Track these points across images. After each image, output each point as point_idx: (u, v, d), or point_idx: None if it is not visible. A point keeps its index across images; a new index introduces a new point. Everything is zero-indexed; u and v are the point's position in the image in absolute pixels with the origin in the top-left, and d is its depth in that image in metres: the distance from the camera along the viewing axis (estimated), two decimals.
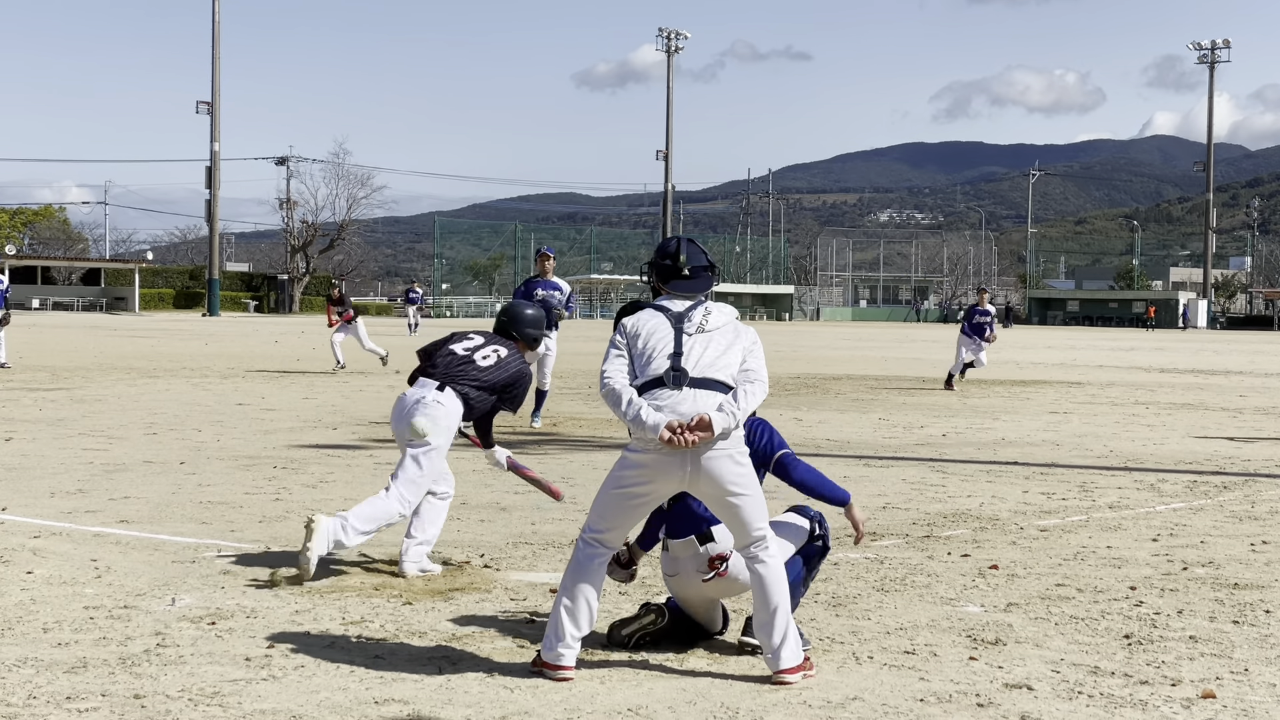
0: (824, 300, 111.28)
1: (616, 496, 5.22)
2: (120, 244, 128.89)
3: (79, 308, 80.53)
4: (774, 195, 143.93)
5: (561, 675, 5.14)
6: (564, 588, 5.28)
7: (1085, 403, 20.61)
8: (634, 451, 5.18)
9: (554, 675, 5.15)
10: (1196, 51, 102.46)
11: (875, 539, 8.40)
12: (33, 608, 6.20)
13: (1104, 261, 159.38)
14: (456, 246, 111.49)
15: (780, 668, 5.14)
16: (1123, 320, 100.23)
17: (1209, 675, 5.39)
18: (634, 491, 5.19)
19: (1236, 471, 12.28)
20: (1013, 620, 6.26)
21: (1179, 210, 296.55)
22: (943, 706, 4.93)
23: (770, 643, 5.16)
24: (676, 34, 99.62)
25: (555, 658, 5.18)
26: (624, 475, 5.20)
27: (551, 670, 5.16)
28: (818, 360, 33.61)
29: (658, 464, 5.09)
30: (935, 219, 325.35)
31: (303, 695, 4.95)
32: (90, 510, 8.93)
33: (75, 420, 15.06)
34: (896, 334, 64.49)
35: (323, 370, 25.60)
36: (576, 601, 5.23)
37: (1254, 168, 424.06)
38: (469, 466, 11.78)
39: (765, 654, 5.21)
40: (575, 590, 5.24)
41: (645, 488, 5.17)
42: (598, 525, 5.28)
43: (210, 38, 75.74)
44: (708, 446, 5.04)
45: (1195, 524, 9.17)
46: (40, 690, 4.94)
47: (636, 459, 5.16)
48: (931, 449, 13.72)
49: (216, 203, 76.61)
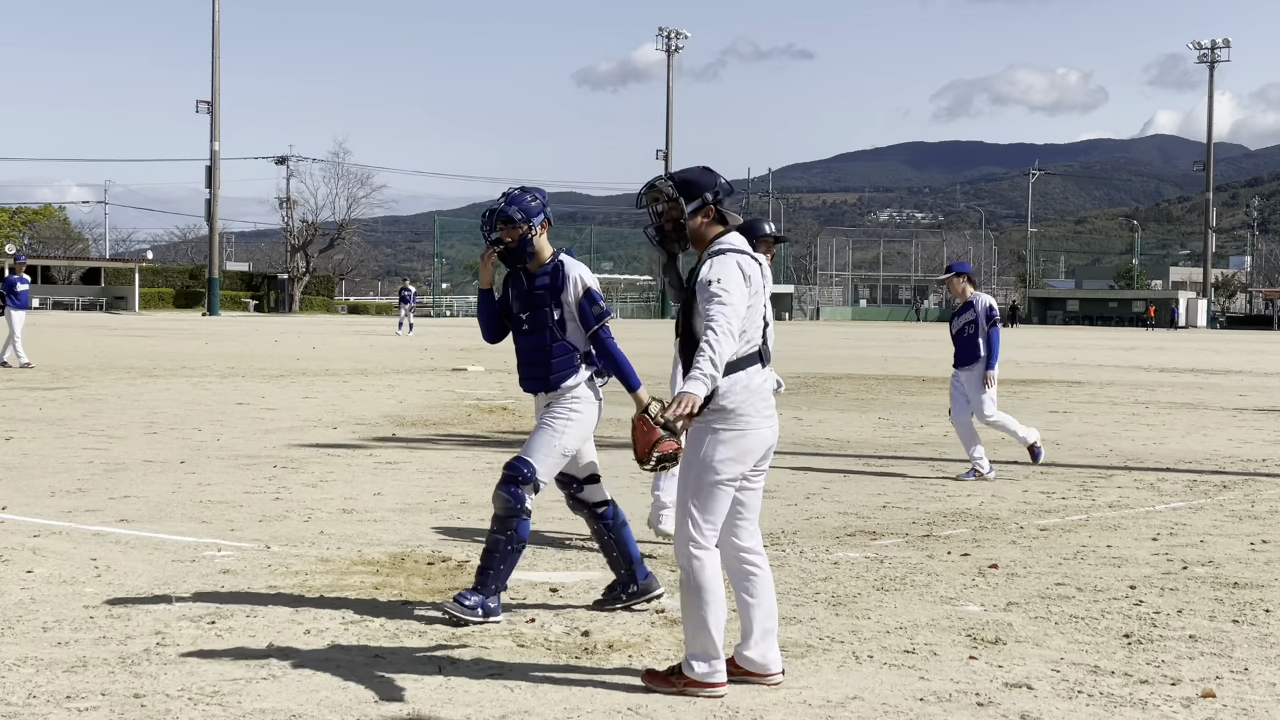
0: (824, 300, 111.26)
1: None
2: (120, 243, 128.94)
3: (79, 307, 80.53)
4: (774, 195, 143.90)
5: (721, 692, 4.98)
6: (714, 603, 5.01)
7: (1085, 402, 20.61)
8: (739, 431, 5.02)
9: (714, 693, 4.96)
10: (1196, 51, 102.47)
11: (875, 538, 8.41)
12: (33, 607, 6.20)
13: (1104, 261, 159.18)
14: (456, 246, 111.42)
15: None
16: (1123, 320, 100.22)
17: (1209, 674, 5.39)
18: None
19: (1236, 471, 12.28)
20: (1013, 619, 6.26)
21: (1179, 210, 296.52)
22: (943, 706, 4.93)
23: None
24: (676, 33, 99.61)
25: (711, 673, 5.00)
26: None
27: (712, 688, 4.97)
28: (818, 360, 33.60)
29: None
30: (935, 218, 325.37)
31: (303, 695, 4.96)
32: (90, 509, 8.93)
33: (75, 420, 15.06)
34: (896, 333, 64.49)
35: (329, 370, 25.61)
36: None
37: (1254, 167, 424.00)
38: (469, 466, 11.79)
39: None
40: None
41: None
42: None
43: (210, 37, 75.76)
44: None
45: (1195, 523, 9.17)
46: (40, 690, 4.94)
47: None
48: (931, 449, 13.72)
49: (216, 202, 76.60)
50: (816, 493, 10.37)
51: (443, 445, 13.34)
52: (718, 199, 5.08)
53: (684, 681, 4.97)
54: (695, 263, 5.10)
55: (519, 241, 6.21)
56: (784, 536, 8.39)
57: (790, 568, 7.39)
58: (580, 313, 6.20)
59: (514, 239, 6.22)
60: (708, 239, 5.08)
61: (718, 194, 5.09)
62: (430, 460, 12.11)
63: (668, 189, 5.08)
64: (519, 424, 15.39)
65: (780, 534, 8.48)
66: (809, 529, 8.71)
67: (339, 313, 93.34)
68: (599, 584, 6.91)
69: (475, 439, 14.05)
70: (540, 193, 6.34)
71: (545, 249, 6.28)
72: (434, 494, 9.96)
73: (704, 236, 5.08)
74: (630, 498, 9.24)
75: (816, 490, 10.51)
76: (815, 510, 9.51)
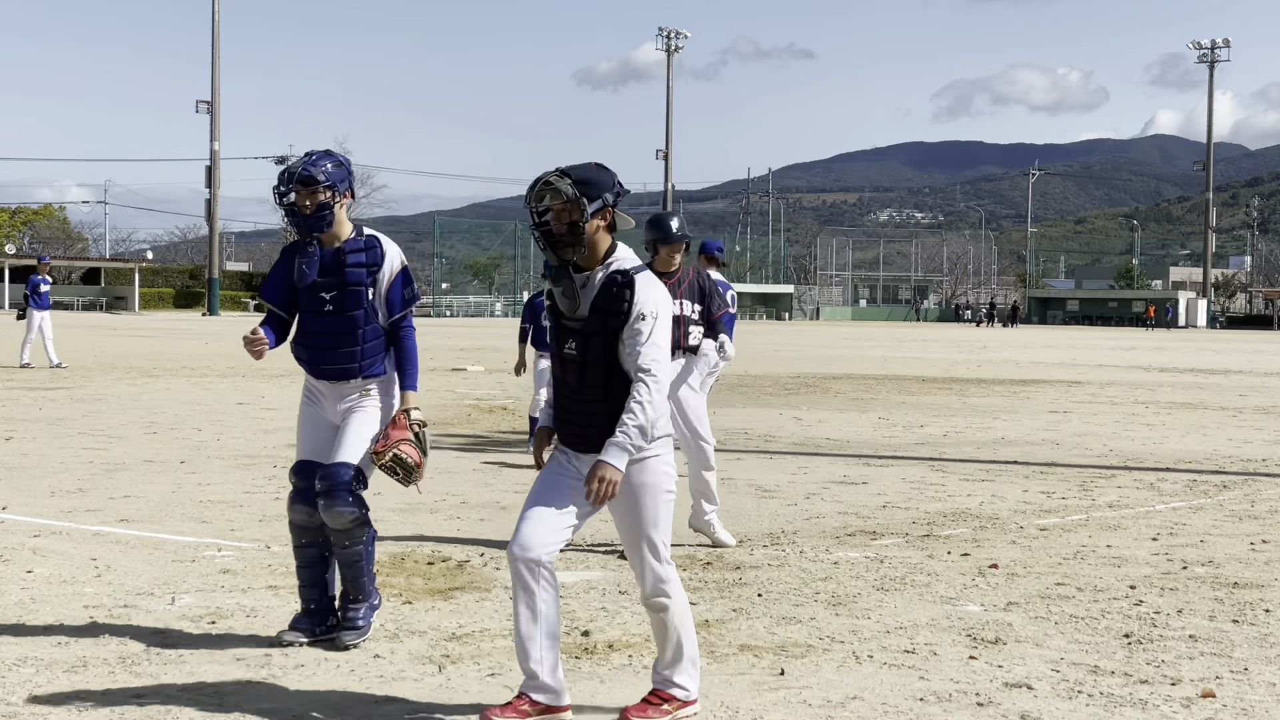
0: (824, 300, 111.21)
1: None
2: (120, 243, 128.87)
3: (79, 307, 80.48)
4: (774, 195, 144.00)
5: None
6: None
7: (1085, 402, 20.61)
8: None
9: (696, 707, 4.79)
10: (1196, 51, 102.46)
11: (875, 538, 8.41)
12: (33, 607, 6.20)
13: (1104, 261, 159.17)
14: (456, 246, 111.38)
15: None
16: (1123, 320, 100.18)
17: (1209, 674, 5.39)
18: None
19: (1236, 471, 12.28)
20: (1013, 619, 6.26)
21: (1179, 210, 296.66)
22: (943, 706, 4.93)
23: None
24: (676, 33, 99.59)
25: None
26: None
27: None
28: (817, 360, 33.60)
29: None
30: (935, 218, 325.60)
31: (303, 695, 4.96)
32: (90, 509, 8.93)
33: (75, 420, 15.06)
34: (896, 333, 64.48)
35: None
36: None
37: (1254, 167, 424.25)
38: (469, 465, 11.78)
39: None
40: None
41: None
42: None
43: (210, 37, 75.75)
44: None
45: (1195, 523, 9.17)
46: (40, 690, 4.94)
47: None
48: (931, 448, 13.72)
49: (216, 202, 76.57)
50: (816, 493, 10.37)
51: (443, 445, 13.33)
52: (616, 201, 4.63)
53: (677, 705, 4.72)
54: (596, 275, 4.58)
55: (317, 209, 5.58)
56: (784, 536, 8.39)
57: (790, 568, 7.39)
58: (391, 294, 5.67)
59: (313, 205, 5.58)
60: (601, 247, 4.61)
61: (617, 195, 4.63)
62: (430, 460, 12.09)
63: (567, 187, 4.53)
64: (519, 424, 15.39)
65: (780, 534, 8.48)
66: (809, 529, 8.71)
67: None
68: (599, 584, 6.91)
69: (475, 439, 14.05)
70: (345, 159, 5.74)
71: (345, 223, 5.72)
72: (434, 494, 9.95)
73: (598, 243, 4.60)
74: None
75: (816, 490, 10.51)
76: (815, 510, 9.51)
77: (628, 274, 4.57)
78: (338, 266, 5.63)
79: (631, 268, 4.59)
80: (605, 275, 4.57)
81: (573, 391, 4.63)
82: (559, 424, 4.74)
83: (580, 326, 4.58)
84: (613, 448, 4.45)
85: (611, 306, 4.53)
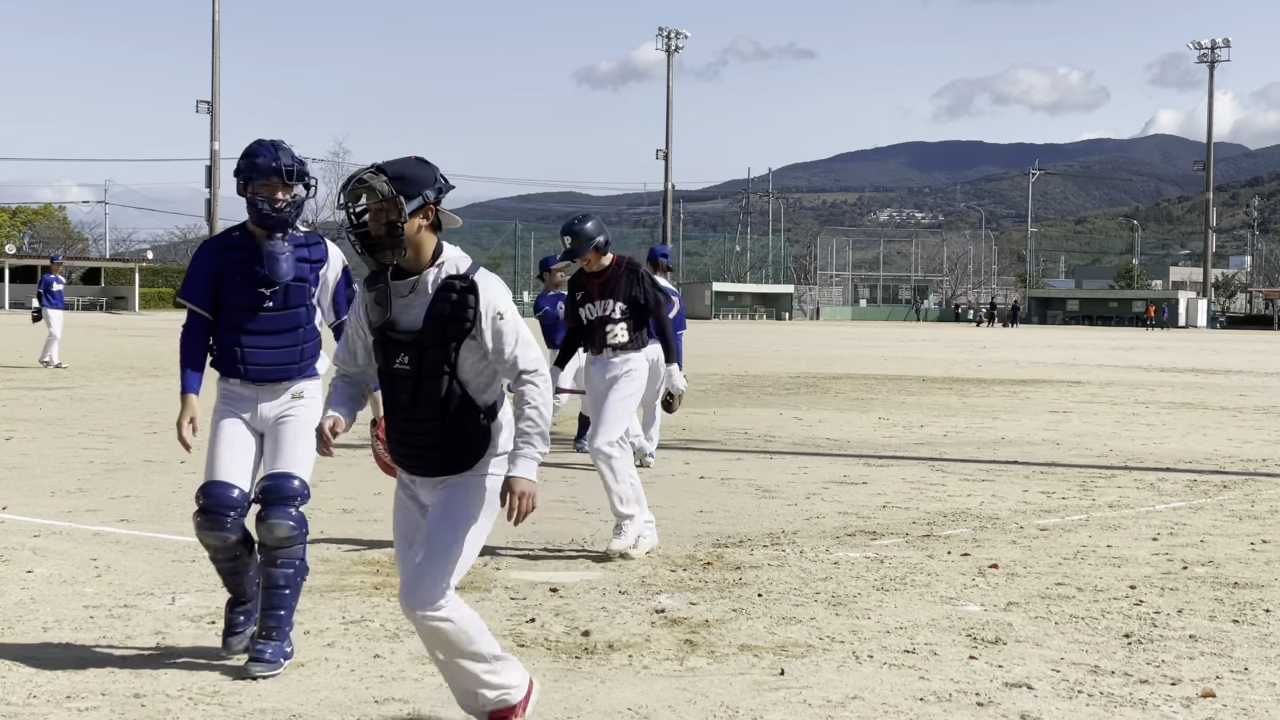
0: (824, 300, 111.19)
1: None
2: (120, 243, 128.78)
3: (79, 307, 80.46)
4: (774, 194, 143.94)
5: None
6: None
7: (1085, 402, 20.61)
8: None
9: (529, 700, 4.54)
10: (1197, 51, 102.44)
11: (875, 538, 8.40)
12: (33, 607, 6.20)
13: (1104, 261, 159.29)
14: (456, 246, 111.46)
15: None
16: (1123, 320, 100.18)
17: (1209, 674, 5.39)
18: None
19: (1236, 471, 12.28)
20: (1013, 619, 6.26)
21: (1179, 210, 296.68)
22: (943, 706, 4.93)
23: None
24: (676, 33, 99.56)
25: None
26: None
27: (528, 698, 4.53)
28: (818, 360, 33.60)
29: None
30: (935, 218, 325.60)
31: (303, 695, 4.96)
32: (90, 509, 8.93)
33: (75, 419, 15.06)
34: (896, 333, 64.49)
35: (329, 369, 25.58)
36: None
37: (1254, 167, 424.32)
38: None
39: None
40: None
41: None
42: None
43: (210, 37, 75.75)
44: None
45: (1195, 523, 9.17)
46: (40, 689, 4.94)
47: None
48: (931, 448, 13.72)
49: (217, 202, 76.53)
50: (816, 493, 10.37)
51: None
52: (439, 198, 4.28)
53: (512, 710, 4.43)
54: (426, 280, 4.25)
55: (292, 203, 5.31)
56: (784, 536, 8.39)
57: (790, 568, 7.39)
58: (336, 294, 5.47)
59: (291, 200, 5.31)
60: (426, 248, 4.25)
61: (439, 191, 4.28)
62: None
63: (383, 185, 4.16)
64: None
65: (780, 534, 8.48)
66: (809, 529, 8.71)
67: None
68: (599, 584, 6.91)
69: None
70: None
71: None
72: None
73: (422, 245, 4.23)
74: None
75: (816, 490, 10.51)
76: (815, 510, 9.51)
77: (466, 276, 4.24)
78: (291, 261, 5.38)
79: (468, 269, 4.27)
80: (440, 280, 4.24)
81: (406, 410, 4.25)
82: (393, 446, 4.37)
83: (414, 339, 4.20)
84: (520, 459, 4.17)
85: (453, 314, 4.18)
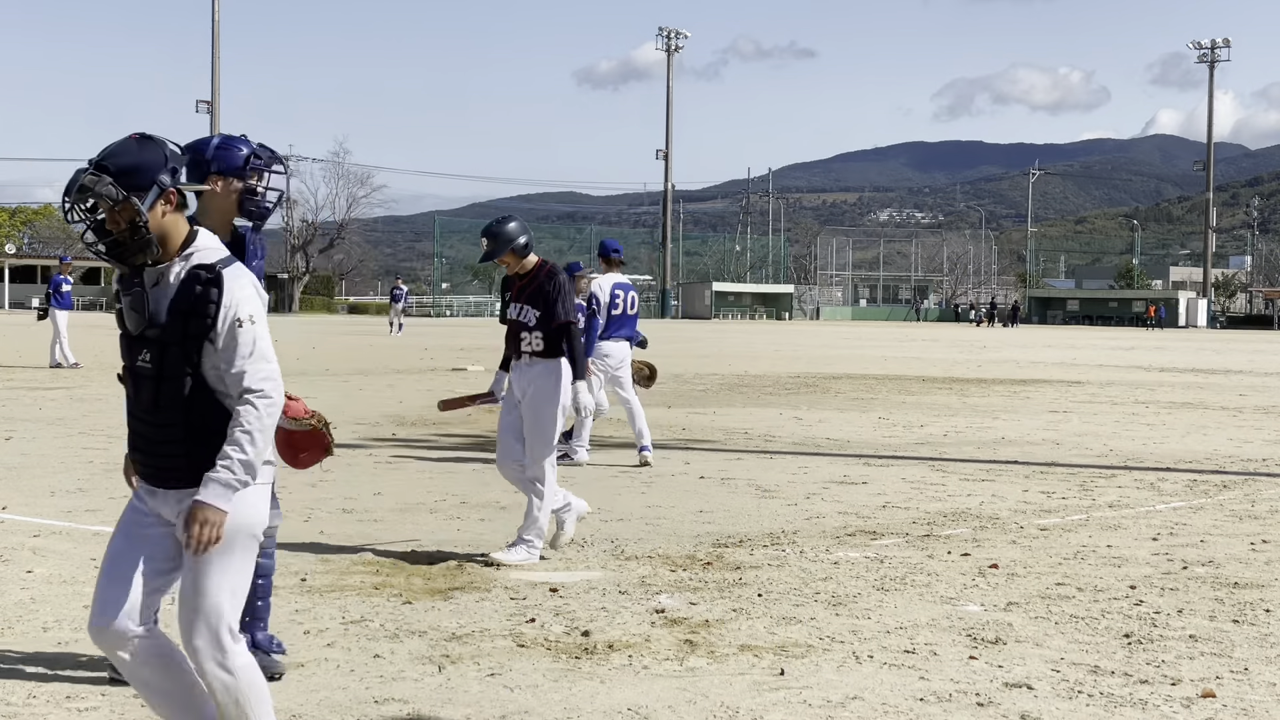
0: (824, 299, 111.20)
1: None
2: None
3: (79, 307, 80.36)
4: (774, 194, 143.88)
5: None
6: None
7: (1085, 402, 20.61)
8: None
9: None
10: (1197, 51, 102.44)
11: (875, 538, 8.40)
12: (33, 607, 6.20)
13: (1104, 261, 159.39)
14: (456, 246, 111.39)
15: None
16: (1123, 320, 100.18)
17: (1209, 674, 5.39)
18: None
19: (1236, 471, 12.28)
20: (1013, 619, 6.26)
21: (1179, 209, 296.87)
22: (943, 706, 4.93)
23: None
24: (676, 33, 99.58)
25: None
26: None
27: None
28: (818, 360, 33.60)
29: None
30: (935, 218, 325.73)
31: (303, 695, 4.96)
32: (90, 509, 8.93)
33: (75, 419, 15.06)
34: (896, 333, 64.48)
35: (329, 369, 25.61)
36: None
37: (1254, 167, 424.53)
38: (469, 466, 11.78)
39: None
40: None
41: None
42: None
43: (210, 37, 75.75)
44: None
45: (1195, 523, 9.17)
46: (40, 690, 4.95)
47: None
48: (931, 448, 13.72)
49: None
50: (816, 493, 10.37)
51: (443, 445, 13.34)
52: (175, 177, 3.78)
53: None
54: (171, 271, 3.79)
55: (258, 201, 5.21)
56: (784, 536, 8.39)
57: (790, 568, 7.39)
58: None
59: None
60: (176, 235, 3.79)
61: (174, 171, 3.79)
62: (430, 460, 12.10)
63: (108, 189, 3.67)
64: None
65: (780, 534, 8.48)
66: (809, 529, 8.71)
67: (339, 312, 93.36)
68: (599, 584, 6.91)
69: (475, 439, 14.04)
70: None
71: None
72: (434, 494, 9.96)
73: (170, 233, 3.77)
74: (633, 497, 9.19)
75: (816, 490, 10.51)
76: (815, 510, 9.51)
77: (213, 268, 3.78)
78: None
79: (217, 260, 3.80)
80: (185, 271, 3.78)
81: (147, 413, 3.81)
82: (132, 452, 3.92)
83: (156, 335, 3.76)
84: (213, 484, 3.67)
85: (195, 308, 3.72)
